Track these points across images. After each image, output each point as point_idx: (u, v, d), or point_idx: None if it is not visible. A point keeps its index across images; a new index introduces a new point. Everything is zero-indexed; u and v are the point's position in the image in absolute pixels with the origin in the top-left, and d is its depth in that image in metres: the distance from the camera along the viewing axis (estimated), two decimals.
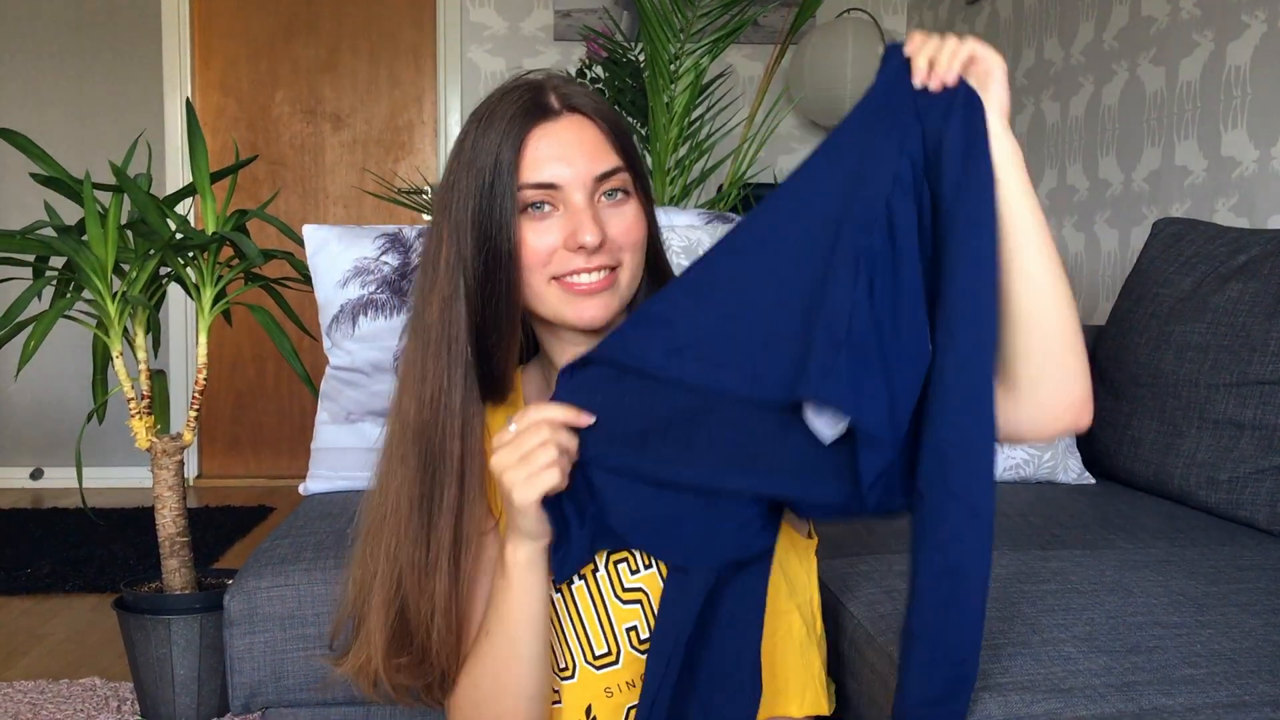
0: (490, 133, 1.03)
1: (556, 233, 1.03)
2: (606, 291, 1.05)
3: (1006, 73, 0.93)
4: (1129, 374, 1.91)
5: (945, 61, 0.92)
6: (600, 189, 1.05)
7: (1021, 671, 1.03)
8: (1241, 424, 1.67)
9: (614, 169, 1.05)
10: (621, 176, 1.06)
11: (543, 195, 1.03)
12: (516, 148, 1.02)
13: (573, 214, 1.03)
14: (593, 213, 1.03)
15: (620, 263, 1.06)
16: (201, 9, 4.28)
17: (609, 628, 1.06)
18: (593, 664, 1.06)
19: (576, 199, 1.03)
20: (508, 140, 1.03)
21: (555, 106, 1.05)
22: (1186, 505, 1.76)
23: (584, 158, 1.04)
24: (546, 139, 1.04)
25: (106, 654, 2.42)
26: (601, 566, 1.06)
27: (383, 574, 1.06)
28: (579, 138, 1.05)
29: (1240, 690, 0.97)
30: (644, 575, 1.06)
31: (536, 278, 1.04)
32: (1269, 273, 1.69)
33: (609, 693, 1.06)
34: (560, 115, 1.05)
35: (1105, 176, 2.82)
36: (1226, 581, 1.30)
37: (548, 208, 1.04)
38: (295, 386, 4.38)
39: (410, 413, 1.06)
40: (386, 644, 1.06)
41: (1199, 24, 2.42)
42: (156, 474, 2.08)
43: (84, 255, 1.96)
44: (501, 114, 1.04)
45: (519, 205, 1.03)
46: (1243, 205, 2.27)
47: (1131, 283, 2.03)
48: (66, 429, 4.20)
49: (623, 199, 1.07)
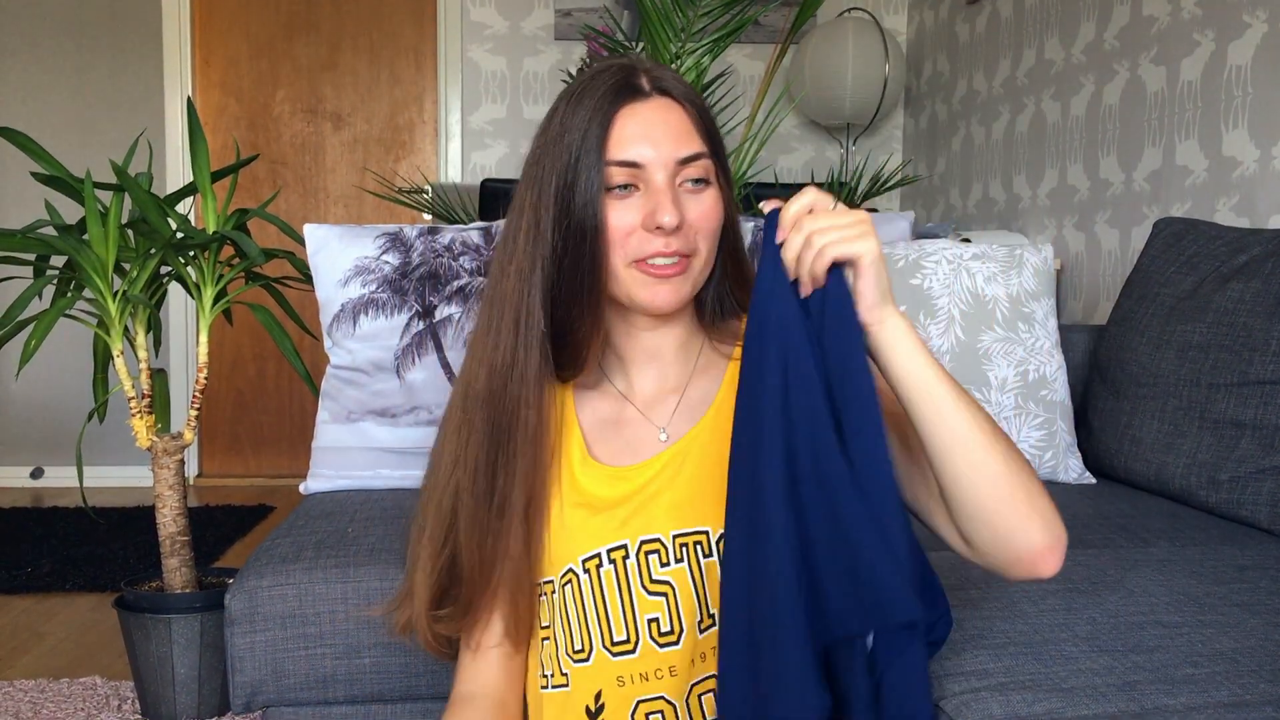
0: (580, 110, 1.06)
1: (636, 212, 1.05)
2: (680, 277, 1.07)
3: (877, 257, 0.92)
4: (1130, 374, 1.91)
5: (809, 264, 0.93)
6: (683, 173, 1.06)
7: (1023, 671, 1.04)
8: (1242, 424, 1.67)
9: (697, 154, 1.06)
10: (704, 163, 1.07)
11: (626, 174, 1.05)
12: (605, 125, 1.05)
13: (653, 194, 1.04)
14: (673, 195, 1.05)
15: (695, 249, 1.07)
16: (202, 8, 4.28)
17: (631, 616, 1.06)
18: (610, 649, 1.06)
19: (658, 179, 1.04)
20: (596, 117, 1.05)
21: (645, 88, 1.07)
22: (1187, 505, 1.75)
23: (669, 140, 1.05)
24: (634, 119, 1.06)
25: (107, 653, 2.42)
26: (633, 554, 1.07)
27: (432, 531, 1.12)
28: (665, 119, 1.06)
29: (1241, 690, 0.97)
30: (674, 569, 1.06)
31: (616, 257, 1.06)
32: (1270, 272, 1.69)
33: (621, 681, 1.06)
34: (650, 96, 1.07)
35: (1106, 176, 2.82)
36: (1228, 581, 1.30)
37: (630, 187, 1.05)
38: (295, 386, 4.38)
39: (480, 380, 1.10)
40: (431, 597, 1.12)
41: (1200, 24, 2.42)
42: (157, 473, 2.08)
43: (85, 254, 1.96)
44: (592, 92, 1.06)
45: (604, 182, 1.05)
46: (1244, 205, 2.27)
47: (1133, 282, 2.03)
48: (66, 428, 4.20)
49: (703, 186, 1.08)
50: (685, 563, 1.06)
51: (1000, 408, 1.90)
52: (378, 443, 1.84)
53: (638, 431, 1.14)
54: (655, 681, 1.05)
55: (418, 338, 1.82)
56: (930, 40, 4.07)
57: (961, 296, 1.93)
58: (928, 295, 1.93)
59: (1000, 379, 1.91)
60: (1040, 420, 1.91)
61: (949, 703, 1.01)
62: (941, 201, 3.92)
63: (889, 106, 4.01)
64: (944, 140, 3.92)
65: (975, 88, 3.65)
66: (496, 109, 4.27)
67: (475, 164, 4.28)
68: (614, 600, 1.07)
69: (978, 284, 1.95)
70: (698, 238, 1.07)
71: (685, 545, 1.07)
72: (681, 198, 1.06)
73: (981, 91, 3.59)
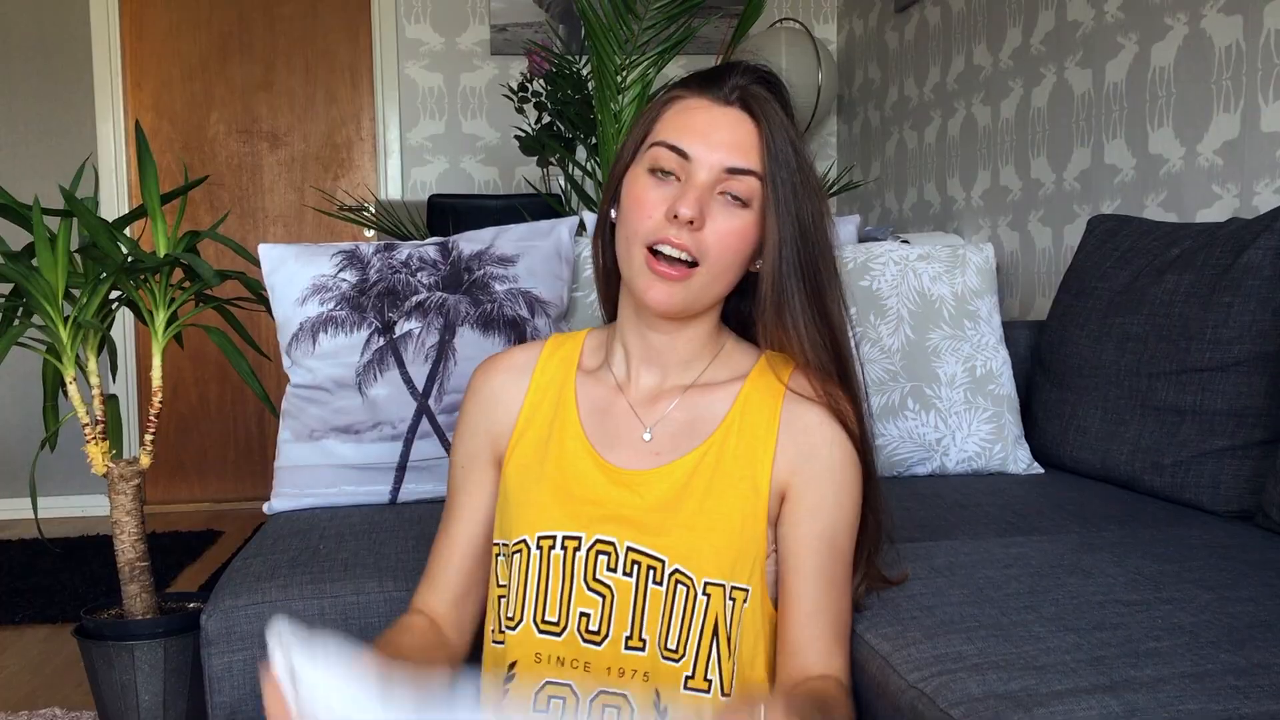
0: (671, 91, 1.12)
1: (665, 200, 1.07)
2: (676, 283, 1.08)
3: None
4: (1072, 366, 1.98)
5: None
6: (726, 183, 1.07)
7: (995, 651, 1.08)
8: (1183, 410, 1.74)
9: (747, 170, 1.07)
10: (751, 183, 1.08)
11: (674, 160, 1.08)
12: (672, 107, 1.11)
13: (687, 188, 1.07)
14: (703, 196, 1.06)
15: (704, 259, 1.08)
16: (132, 31, 4.23)
17: (566, 604, 1.09)
18: (538, 625, 1.10)
19: (699, 177, 1.07)
20: (673, 100, 1.10)
21: (728, 92, 1.09)
22: (1133, 490, 1.82)
23: (724, 146, 1.07)
24: (703, 112, 1.09)
25: (64, 684, 2.39)
26: (584, 548, 1.10)
27: None
28: (732, 125, 1.08)
29: (1204, 660, 1.02)
30: (618, 577, 1.09)
31: (638, 231, 1.08)
32: (1203, 263, 1.77)
33: (538, 658, 1.09)
34: (729, 102, 1.09)
35: (1037, 176, 2.91)
36: (1179, 560, 1.36)
37: (672, 175, 1.08)
38: (239, 408, 4.34)
39: None
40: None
41: (1123, 27, 2.51)
42: (114, 499, 2.06)
43: (35, 281, 1.94)
44: (689, 81, 1.12)
45: (649, 157, 1.09)
46: (1171, 201, 2.35)
47: (1070, 278, 2.10)
48: (7, 458, 4.12)
49: (741, 206, 1.08)
50: (633, 578, 1.09)
51: (950, 403, 1.96)
52: (341, 459, 1.84)
53: (622, 424, 1.17)
54: (570, 670, 1.09)
55: (378, 354, 1.83)
56: (860, 48, 4.16)
57: (909, 296, 1.99)
58: (877, 296, 1.98)
59: (949, 375, 1.97)
60: (989, 414, 1.97)
61: (927, 684, 1.05)
62: (878, 205, 4.00)
63: (823, 114, 4.09)
64: (878, 145, 4.00)
65: (906, 94, 3.73)
66: (435, 125, 4.28)
67: (416, 180, 4.28)
68: (555, 584, 1.10)
69: (924, 283, 2.01)
70: (711, 250, 1.07)
71: (638, 563, 1.09)
72: (714, 205, 1.07)
73: (913, 97, 3.68)
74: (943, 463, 1.96)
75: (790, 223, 1.08)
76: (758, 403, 1.15)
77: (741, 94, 1.09)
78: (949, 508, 1.72)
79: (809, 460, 1.13)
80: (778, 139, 1.08)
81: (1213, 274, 1.74)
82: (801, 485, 1.12)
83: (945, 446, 1.95)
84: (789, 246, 1.09)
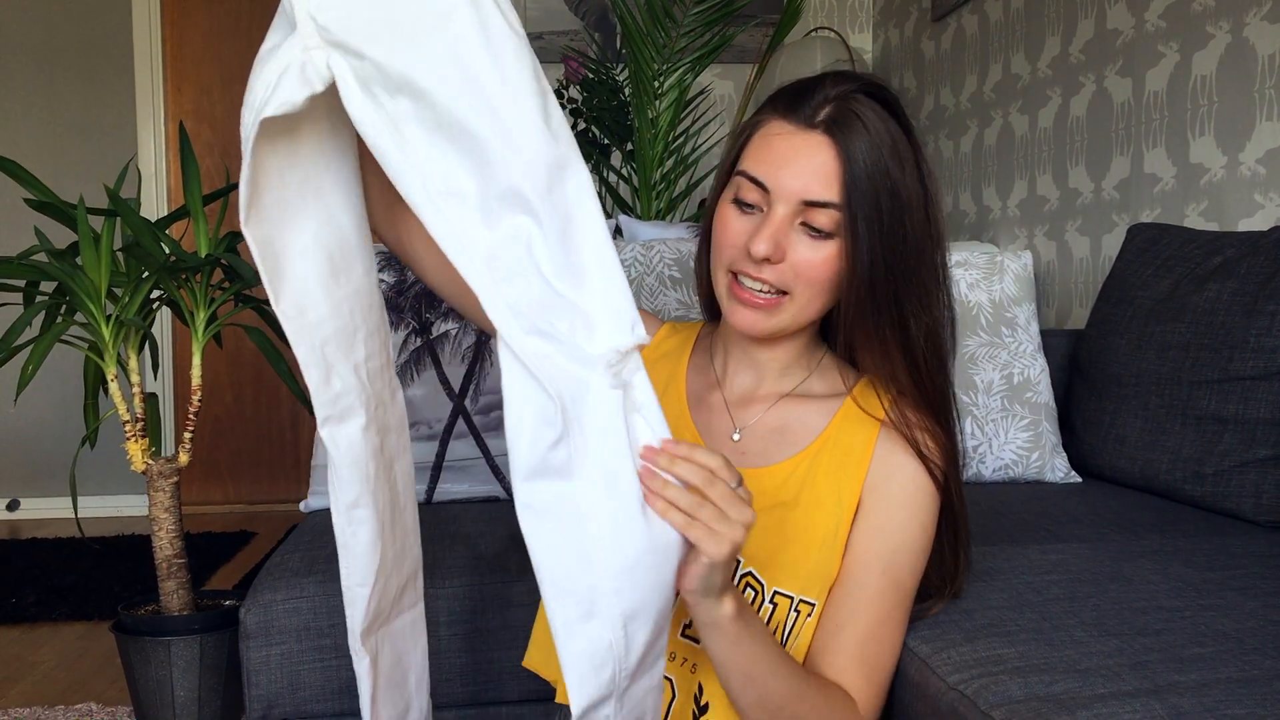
0: (760, 111, 1.10)
1: (746, 232, 1.06)
2: (763, 311, 1.07)
3: (720, 564, 0.87)
4: (1111, 374, 1.96)
5: (659, 511, 0.85)
6: (806, 215, 1.04)
7: (1036, 655, 1.07)
8: (1224, 419, 1.73)
9: (826, 202, 1.03)
10: (831, 214, 1.03)
11: (756, 194, 1.06)
12: (759, 131, 1.08)
13: (764, 223, 1.04)
14: (779, 230, 1.04)
15: (791, 291, 1.06)
16: (174, 37, 4.28)
17: None
18: None
19: (779, 210, 1.04)
20: (759, 123, 1.08)
21: (812, 113, 1.04)
22: (1173, 499, 1.80)
23: (803, 176, 1.03)
24: (784, 140, 1.05)
25: (100, 679, 2.41)
26: None
27: None
28: (811, 154, 1.03)
29: (1248, 666, 1.01)
30: None
31: (721, 259, 1.09)
32: (1245, 272, 1.75)
33: None
34: (812, 128, 1.04)
35: (1075, 186, 2.89)
36: (1221, 568, 1.34)
37: (756, 208, 1.06)
38: (274, 411, 4.37)
39: None
40: None
41: (1164, 35, 2.49)
42: (152, 496, 2.08)
43: (78, 279, 1.96)
44: (777, 98, 1.08)
45: (734, 185, 1.08)
46: (1212, 210, 2.33)
47: (1109, 287, 2.08)
48: (43, 457, 4.17)
49: (823, 238, 1.04)
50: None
51: (987, 410, 1.95)
52: None
53: (715, 418, 1.17)
54: None
55: (415, 354, 1.85)
56: (896, 57, 4.15)
57: None
58: None
59: (986, 382, 1.96)
60: (1026, 422, 1.95)
61: (968, 686, 1.04)
62: None
63: None
64: None
65: (943, 103, 3.72)
66: None
67: None
68: None
69: (961, 290, 2.00)
70: (796, 282, 1.05)
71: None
72: (794, 238, 1.05)
73: (949, 106, 3.67)
74: (979, 470, 1.95)
75: (865, 256, 1.03)
76: (854, 426, 1.13)
77: (828, 116, 1.04)
78: (985, 515, 1.71)
79: (886, 481, 1.10)
80: (861, 164, 1.02)
81: (1256, 282, 1.72)
82: (872, 503, 1.10)
83: (982, 454, 1.94)
84: (863, 285, 1.05)
